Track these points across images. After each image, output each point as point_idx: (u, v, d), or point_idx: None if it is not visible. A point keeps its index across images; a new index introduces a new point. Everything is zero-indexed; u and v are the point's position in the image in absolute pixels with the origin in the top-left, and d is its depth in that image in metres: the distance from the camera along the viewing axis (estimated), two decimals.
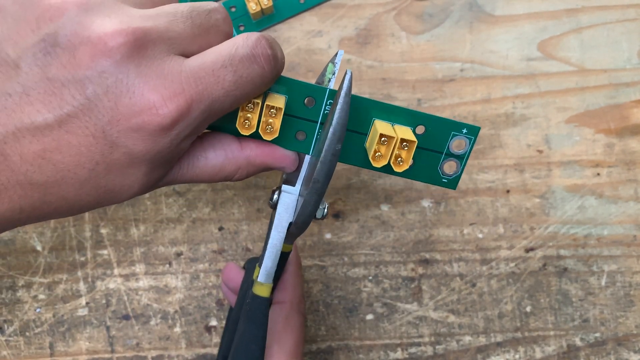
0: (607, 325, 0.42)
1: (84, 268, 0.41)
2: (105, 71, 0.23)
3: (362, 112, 0.29)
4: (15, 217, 0.24)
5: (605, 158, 0.42)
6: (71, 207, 0.25)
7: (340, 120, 0.26)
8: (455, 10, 0.43)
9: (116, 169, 0.24)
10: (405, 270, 0.42)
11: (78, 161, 0.23)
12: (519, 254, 0.42)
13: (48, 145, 0.23)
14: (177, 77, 0.24)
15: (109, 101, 0.23)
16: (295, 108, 0.28)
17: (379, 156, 0.28)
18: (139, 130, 0.23)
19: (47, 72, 0.23)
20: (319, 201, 0.27)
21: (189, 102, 0.24)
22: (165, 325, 0.41)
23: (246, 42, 0.25)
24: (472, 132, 0.29)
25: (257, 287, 0.30)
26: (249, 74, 0.25)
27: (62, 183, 0.24)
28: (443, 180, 0.30)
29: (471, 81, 0.43)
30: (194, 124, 0.24)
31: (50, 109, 0.23)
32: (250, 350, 0.29)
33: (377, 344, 0.42)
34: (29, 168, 0.23)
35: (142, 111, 0.23)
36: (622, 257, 0.42)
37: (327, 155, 0.26)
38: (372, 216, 0.42)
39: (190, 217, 0.42)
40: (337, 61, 0.30)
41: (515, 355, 0.42)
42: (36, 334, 0.41)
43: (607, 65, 0.43)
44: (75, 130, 0.23)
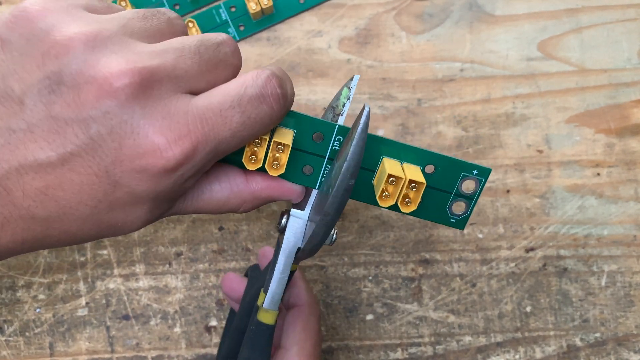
0: (607, 326, 0.42)
1: (84, 268, 0.41)
2: (110, 112, 0.22)
3: (370, 149, 0.28)
4: (18, 248, 0.24)
5: (606, 158, 0.42)
6: (73, 239, 0.25)
7: (355, 157, 0.25)
8: (455, 10, 0.43)
9: (119, 207, 0.24)
10: (405, 270, 0.42)
11: (80, 199, 0.23)
12: (519, 254, 0.42)
13: (50, 182, 0.23)
14: (183, 118, 0.23)
15: (113, 142, 0.23)
16: (303, 142, 0.28)
17: (387, 196, 0.28)
18: (143, 172, 0.23)
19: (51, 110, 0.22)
20: (328, 233, 0.27)
21: (195, 144, 0.23)
22: (165, 325, 0.41)
23: (256, 81, 0.24)
24: (482, 173, 0.29)
25: (262, 314, 0.29)
26: (258, 114, 0.25)
27: (65, 219, 0.24)
28: (451, 220, 0.30)
29: (471, 81, 0.43)
30: (199, 165, 0.24)
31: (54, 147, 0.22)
32: None
33: (377, 344, 0.42)
34: (31, 203, 0.23)
35: (147, 153, 0.23)
36: (622, 257, 0.42)
37: (339, 190, 0.25)
38: (372, 216, 0.42)
39: (190, 217, 0.42)
40: (353, 86, 0.29)
41: (516, 356, 0.42)
42: (36, 334, 0.41)
43: (607, 65, 0.43)
44: (78, 168, 0.23)
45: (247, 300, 0.34)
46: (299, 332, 0.32)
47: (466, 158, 0.42)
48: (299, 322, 0.33)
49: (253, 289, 0.33)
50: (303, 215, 0.29)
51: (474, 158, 0.42)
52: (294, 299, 0.34)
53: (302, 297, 0.34)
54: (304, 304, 0.34)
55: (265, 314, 0.29)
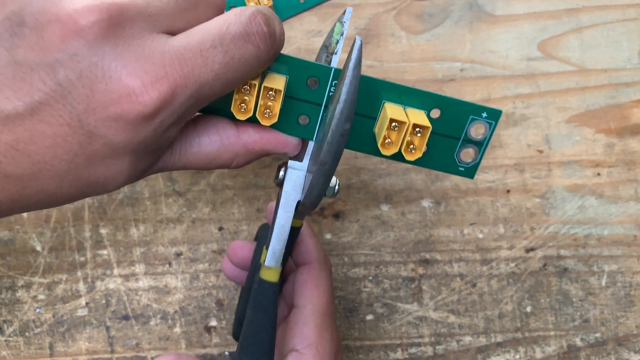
0: (607, 326, 0.42)
1: (84, 268, 0.41)
2: (78, 54, 0.21)
3: (371, 94, 0.26)
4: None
5: (606, 158, 0.42)
6: (52, 200, 0.23)
7: (349, 97, 0.23)
8: (455, 10, 0.43)
9: (97, 161, 0.22)
10: (406, 270, 0.42)
11: (54, 153, 0.22)
12: (519, 254, 0.42)
13: (20, 136, 0.21)
14: (159, 59, 0.21)
15: (84, 87, 0.21)
16: (297, 89, 0.26)
17: (389, 143, 0.26)
18: (118, 120, 0.21)
19: (14, 55, 0.21)
20: (327, 183, 0.25)
21: (173, 87, 0.21)
22: (165, 325, 0.41)
23: (239, 18, 0.22)
24: (492, 116, 0.27)
25: (264, 271, 0.28)
26: (242, 54, 0.22)
27: (40, 176, 0.22)
28: (460, 169, 0.28)
29: (471, 81, 0.43)
30: (180, 110, 0.22)
31: (20, 96, 0.21)
32: (259, 339, 0.28)
33: (377, 344, 0.42)
34: (2, 160, 0.21)
35: (121, 98, 0.21)
36: (623, 257, 0.42)
37: (334, 135, 0.23)
38: (372, 216, 0.42)
39: (190, 217, 0.42)
40: (346, 20, 0.27)
41: (516, 356, 0.41)
42: (36, 334, 0.41)
43: (607, 65, 0.43)
44: (49, 119, 0.21)
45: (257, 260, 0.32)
46: (310, 290, 0.31)
47: None
48: (310, 280, 0.31)
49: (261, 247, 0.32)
50: (301, 167, 0.27)
51: None
52: (302, 257, 0.33)
53: (312, 255, 0.32)
54: (314, 260, 0.32)
55: (267, 271, 0.28)
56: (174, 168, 0.26)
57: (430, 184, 0.42)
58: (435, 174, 0.42)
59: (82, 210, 0.42)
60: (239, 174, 0.42)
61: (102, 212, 0.42)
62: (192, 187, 0.42)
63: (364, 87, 0.26)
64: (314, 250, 0.32)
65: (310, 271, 0.32)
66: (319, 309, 0.30)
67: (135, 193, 0.42)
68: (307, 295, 0.31)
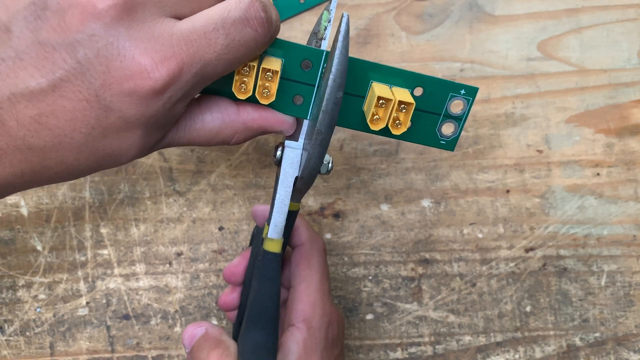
0: (606, 325, 0.42)
1: (84, 268, 0.42)
2: (95, 34, 0.23)
3: (359, 75, 0.28)
4: (18, 181, 0.24)
5: (605, 158, 0.42)
6: (71, 171, 0.25)
7: (340, 67, 0.25)
8: (455, 10, 0.43)
9: (112, 133, 0.24)
10: (405, 270, 0.42)
11: (74, 126, 0.24)
12: (519, 253, 0.42)
13: (43, 110, 0.23)
14: (168, 40, 0.24)
15: (100, 65, 0.23)
16: (292, 72, 0.28)
17: (377, 119, 0.28)
18: (132, 94, 0.23)
19: (38, 36, 0.23)
20: (323, 153, 0.27)
21: (180, 65, 0.24)
22: (165, 325, 0.41)
23: (239, 5, 0.25)
24: (470, 92, 0.29)
25: (267, 243, 0.30)
26: (242, 37, 0.25)
27: (60, 148, 0.24)
28: (441, 142, 0.30)
29: (471, 81, 0.43)
30: (186, 87, 0.24)
31: (44, 74, 0.23)
32: (265, 307, 0.30)
33: (377, 343, 0.42)
34: (27, 133, 0.23)
35: (134, 75, 0.23)
36: (622, 257, 0.42)
37: (328, 104, 0.25)
38: (372, 216, 0.42)
39: (190, 217, 0.42)
40: (332, 8, 0.29)
41: (515, 355, 0.42)
42: (36, 333, 0.41)
43: (607, 65, 0.43)
44: (69, 94, 0.23)
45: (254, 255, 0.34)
46: (303, 270, 0.33)
47: (466, 158, 0.42)
48: (302, 260, 0.34)
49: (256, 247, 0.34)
50: (297, 146, 0.29)
51: (474, 158, 0.42)
52: (294, 240, 0.35)
53: (302, 236, 0.35)
54: (305, 241, 0.34)
55: (270, 243, 0.30)
56: (179, 143, 0.28)
57: (430, 183, 0.42)
58: (435, 174, 0.42)
59: (82, 210, 0.42)
60: (239, 174, 0.42)
61: (103, 211, 0.42)
62: (193, 187, 0.42)
63: (353, 68, 0.28)
64: (303, 232, 0.35)
65: (301, 251, 0.34)
66: (311, 286, 0.33)
67: (135, 193, 0.42)
68: (300, 275, 0.33)
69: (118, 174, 0.42)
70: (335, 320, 0.34)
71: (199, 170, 0.42)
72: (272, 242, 0.30)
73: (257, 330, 0.30)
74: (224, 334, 0.32)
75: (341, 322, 0.35)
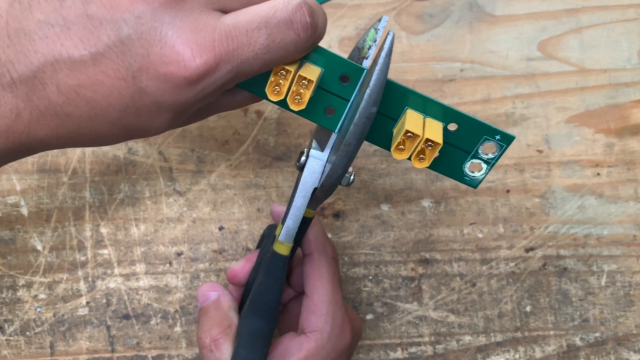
0: (607, 325, 0.42)
1: (85, 267, 0.42)
2: (142, 17, 0.23)
3: (397, 98, 0.28)
4: (53, 142, 0.26)
5: (605, 158, 0.42)
6: (103, 140, 0.26)
7: (378, 82, 0.25)
8: (455, 11, 0.43)
9: (145, 114, 0.25)
10: (405, 270, 0.42)
11: (109, 102, 0.24)
12: (519, 253, 0.42)
13: (82, 82, 0.24)
14: (210, 34, 0.24)
15: (142, 48, 0.23)
16: (330, 83, 0.28)
17: (402, 149, 0.27)
18: (167, 81, 0.24)
19: (87, 9, 0.23)
20: (348, 165, 0.27)
21: (218, 60, 0.24)
22: (165, 324, 0.41)
23: (286, 6, 0.25)
24: (505, 140, 0.28)
25: (277, 245, 0.30)
26: (283, 39, 0.25)
27: (95, 120, 0.25)
28: (465, 178, 0.30)
29: (471, 81, 0.43)
30: (220, 81, 0.25)
31: (87, 46, 0.23)
32: (266, 299, 0.31)
33: (377, 343, 0.42)
34: (65, 100, 0.24)
35: (171, 63, 0.23)
36: (622, 256, 0.42)
37: (361, 118, 0.25)
38: (372, 216, 0.42)
39: (190, 216, 0.42)
40: (380, 28, 0.29)
41: (515, 355, 0.42)
42: (37, 333, 0.41)
43: (607, 65, 0.43)
44: (108, 71, 0.24)
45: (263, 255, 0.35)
46: (313, 280, 0.34)
47: None
48: (312, 271, 0.34)
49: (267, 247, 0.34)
50: (322, 157, 0.29)
51: None
52: (304, 248, 0.35)
53: (311, 245, 0.35)
54: (313, 251, 0.34)
55: (280, 246, 0.30)
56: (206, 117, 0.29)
57: (430, 183, 0.42)
58: (435, 174, 0.42)
59: (82, 210, 0.42)
60: (239, 174, 0.42)
61: (103, 211, 0.42)
62: (193, 186, 0.42)
63: (392, 90, 0.28)
64: (312, 242, 0.35)
65: (311, 262, 0.34)
66: (323, 298, 0.33)
67: (135, 193, 0.42)
68: (311, 285, 0.33)
69: (118, 173, 0.42)
70: (349, 329, 0.34)
71: (199, 170, 0.42)
72: (282, 245, 0.30)
73: (257, 317, 0.31)
74: (232, 308, 0.33)
75: (358, 330, 0.35)
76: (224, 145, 0.42)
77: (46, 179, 0.42)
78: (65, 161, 0.42)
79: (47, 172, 0.42)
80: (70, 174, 0.42)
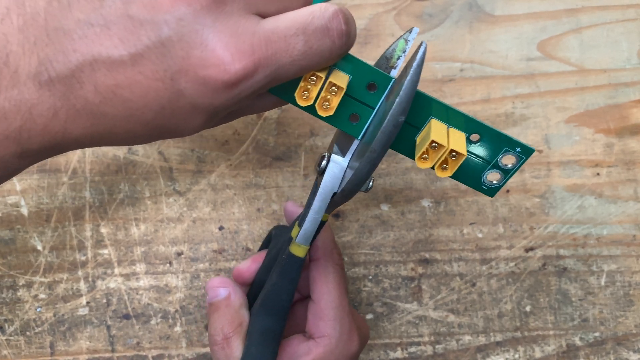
0: (606, 325, 0.42)
1: (85, 267, 0.42)
2: (183, 19, 0.23)
3: (421, 107, 0.28)
4: (87, 141, 0.26)
5: (605, 158, 0.43)
6: (135, 140, 0.26)
7: (408, 92, 0.25)
8: (455, 11, 0.43)
9: (180, 115, 0.25)
10: (405, 269, 0.42)
11: (146, 102, 0.24)
12: (519, 253, 0.42)
13: (120, 82, 0.24)
14: (249, 38, 0.24)
15: (182, 50, 0.23)
16: (356, 90, 0.28)
17: (425, 159, 0.28)
18: (205, 85, 0.24)
19: (128, 9, 0.23)
20: (371, 171, 0.27)
21: (257, 64, 0.24)
22: (165, 324, 0.41)
23: (324, 13, 0.25)
24: (525, 152, 0.29)
25: (294, 247, 0.31)
26: (319, 46, 0.25)
27: (130, 120, 0.25)
28: (483, 187, 0.30)
29: (471, 81, 0.43)
30: (257, 85, 0.25)
31: (127, 47, 0.23)
32: (280, 299, 0.32)
33: (377, 343, 0.42)
34: (102, 100, 0.24)
35: (211, 66, 0.23)
36: (622, 256, 0.42)
37: (388, 125, 0.26)
38: (372, 216, 0.42)
39: (190, 216, 0.42)
40: (411, 39, 0.29)
41: (515, 355, 0.42)
42: (37, 333, 0.41)
43: (606, 65, 0.43)
44: (146, 72, 0.24)
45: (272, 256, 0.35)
46: (320, 286, 0.34)
47: None
48: (319, 277, 0.34)
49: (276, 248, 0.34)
50: (343, 162, 0.29)
51: None
52: (312, 253, 0.35)
53: (318, 251, 0.35)
54: (320, 257, 0.35)
55: (297, 248, 0.31)
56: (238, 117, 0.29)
57: (430, 183, 0.42)
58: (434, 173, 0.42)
59: (82, 210, 0.42)
60: (239, 174, 0.42)
61: (103, 211, 0.42)
62: (193, 186, 0.42)
63: (417, 99, 0.28)
64: (320, 248, 0.35)
65: (317, 268, 0.34)
66: (330, 304, 0.33)
67: (135, 193, 0.42)
68: (318, 291, 0.34)
69: (118, 173, 0.42)
70: (357, 336, 0.34)
71: (199, 170, 0.42)
72: (299, 248, 0.31)
73: (269, 316, 0.32)
74: (244, 306, 0.33)
75: (365, 335, 0.35)
76: (223, 145, 0.42)
77: (46, 179, 0.42)
78: (65, 161, 0.42)
79: (47, 172, 0.42)
80: (70, 174, 0.42)
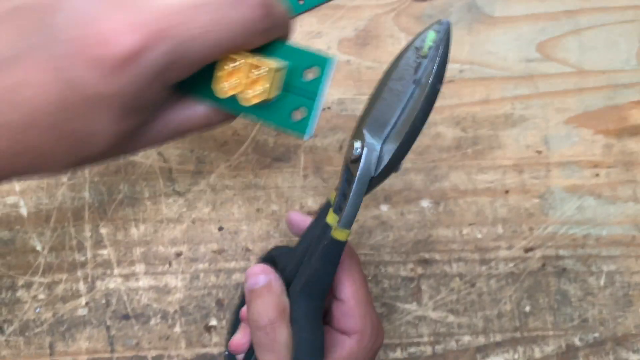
0: (606, 325, 0.42)
1: (84, 268, 0.42)
2: None
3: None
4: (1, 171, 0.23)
5: (604, 159, 0.43)
6: (45, 160, 0.23)
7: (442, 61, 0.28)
8: (454, 12, 0.44)
9: (81, 113, 0.22)
10: (405, 270, 0.42)
11: (37, 104, 0.21)
12: (518, 254, 0.42)
13: (7, 84, 0.21)
14: (139, 10, 0.21)
15: (64, 32, 0.21)
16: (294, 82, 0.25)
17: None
18: (95, 67, 0.21)
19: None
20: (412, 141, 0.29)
21: (149, 38, 0.21)
22: (165, 325, 0.41)
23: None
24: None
25: (336, 232, 0.31)
26: (231, 17, 0.22)
27: (30, 131, 0.22)
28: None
29: (470, 82, 0.43)
30: (156, 66, 0.22)
31: (9, 43, 0.21)
32: (323, 283, 0.32)
33: None
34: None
35: (98, 43, 0.21)
36: (621, 257, 0.42)
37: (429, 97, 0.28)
38: (372, 216, 0.42)
39: (190, 217, 0.42)
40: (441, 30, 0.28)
41: (515, 355, 0.42)
42: (36, 333, 0.41)
43: (605, 67, 0.43)
44: (29, 67, 0.21)
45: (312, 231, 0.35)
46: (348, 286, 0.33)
47: (465, 159, 0.42)
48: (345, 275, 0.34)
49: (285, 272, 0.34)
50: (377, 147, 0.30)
51: (473, 159, 0.42)
52: None
53: None
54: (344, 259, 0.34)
55: (340, 232, 0.31)
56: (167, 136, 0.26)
57: (430, 184, 0.42)
58: (434, 174, 0.42)
59: (82, 210, 0.42)
60: (239, 174, 0.42)
61: (102, 212, 0.42)
62: (192, 187, 0.42)
63: None
64: None
65: (342, 267, 0.34)
66: (359, 301, 0.33)
67: (135, 193, 0.42)
68: (346, 291, 0.33)
69: (117, 174, 0.42)
70: (382, 330, 0.35)
71: (198, 170, 0.42)
72: (342, 232, 0.31)
73: (312, 300, 0.32)
74: (284, 292, 0.33)
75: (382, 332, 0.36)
76: (223, 145, 0.42)
77: (45, 180, 0.42)
78: None
79: None
80: (69, 175, 0.42)
